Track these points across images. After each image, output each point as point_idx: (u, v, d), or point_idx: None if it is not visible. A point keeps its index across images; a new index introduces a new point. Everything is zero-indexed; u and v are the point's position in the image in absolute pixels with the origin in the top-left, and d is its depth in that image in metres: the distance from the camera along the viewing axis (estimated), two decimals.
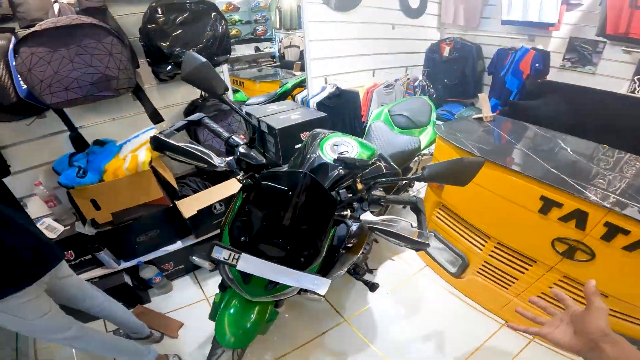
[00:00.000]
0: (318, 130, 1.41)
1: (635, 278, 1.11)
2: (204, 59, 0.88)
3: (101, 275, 1.58)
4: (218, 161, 0.91)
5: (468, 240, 1.64)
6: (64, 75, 1.21)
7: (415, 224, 0.89)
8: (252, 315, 1.06)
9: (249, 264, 0.82)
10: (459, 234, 1.67)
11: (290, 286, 0.90)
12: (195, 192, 1.83)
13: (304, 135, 2.03)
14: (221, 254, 0.83)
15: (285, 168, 1.32)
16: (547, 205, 1.21)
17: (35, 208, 1.57)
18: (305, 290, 1.17)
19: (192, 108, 1.84)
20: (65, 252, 1.46)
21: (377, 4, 2.57)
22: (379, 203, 0.96)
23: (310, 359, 1.53)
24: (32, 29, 1.13)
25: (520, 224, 1.35)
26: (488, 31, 2.90)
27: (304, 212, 0.87)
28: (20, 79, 1.21)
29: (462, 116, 3.00)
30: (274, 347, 1.57)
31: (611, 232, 1.08)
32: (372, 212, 0.94)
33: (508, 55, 2.61)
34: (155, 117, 1.65)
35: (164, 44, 1.42)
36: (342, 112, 2.43)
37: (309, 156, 1.21)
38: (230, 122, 1.84)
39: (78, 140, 1.60)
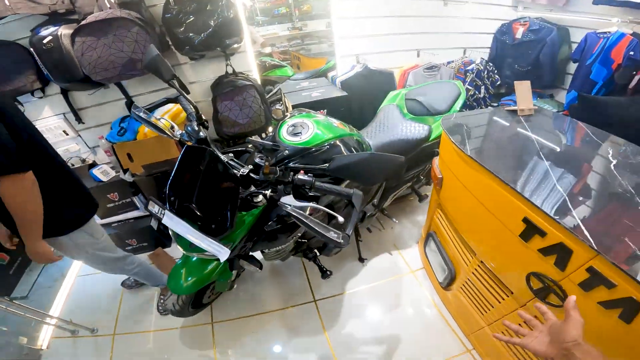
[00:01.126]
0: (299, 109, 1.51)
1: (601, 341, 0.89)
2: (155, 52, 1.08)
3: (135, 217, 2.11)
4: (176, 133, 1.17)
5: (458, 252, 1.51)
6: (104, 58, 1.61)
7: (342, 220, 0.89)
8: (196, 272, 1.32)
9: (171, 220, 1.04)
10: (452, 242, 1.55)
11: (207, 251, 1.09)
12: None
13: (321, 113, 2.13)
14: (153, 208, 1.07)
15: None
16: (530, 230, 1.00)
17: (100, 156, 2.17)
18: (246, 259, 1.38)
19: (216, 83, 2.11)
20: (111, 194, 2.03)
21: None
22: (302, 188, 1.00)
23: (266, 326, 1.73)
24: (82, 22, 1.53)
25: (501, 246, 1.17)
26: (576, 12, 2.26)
27: (210, 184, 1.04)
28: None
29: (540, 108, 2.57)
30: (241, 306, 1.83)
31: (593, 280, 0.86)
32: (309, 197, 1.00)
33: (599, 41, 2.03)
34: (184, 91, 1.98)
35: (179, 31, 1.68)
36: (372, 92, 2.36)
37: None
38: (245, 97, 2.05)
39: (130, 104, 2.09)
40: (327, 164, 0.97)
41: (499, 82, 2.58)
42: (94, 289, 2.11)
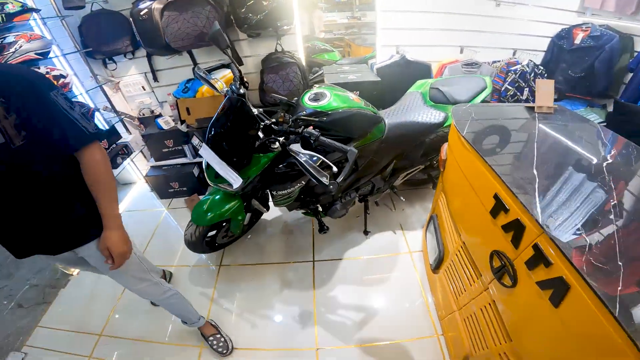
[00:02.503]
0: (328, 84, 1.79)
1: (534, 329, 0.92)
2: (217, 27, 1.43)
3: (182, 163, 2.60)
4: (222, 90, 1.53)
5: (449, 233, 1.59)
6: (183, 30, 2.07)
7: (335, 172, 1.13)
8: (216, 208, 1.67)
9: (205, 151, 1.42)
10: (446, 224, 1.64)
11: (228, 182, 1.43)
12: None
13: (354, 93, 2.40)
14: (195, 140, 1.45)
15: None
16: (497, 206, 1.06)
17: (166, 109, 2.70)
18: (257, 199, 1.72)
19: (266, 58, 2.48)
20: (168, 140, 2.51)
21: None
22: (309, 139, 1.27)
23: (264, 276, 1.98)
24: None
25: (476, 223, 1.24)
26: None
27: (238, 129, 1.38)
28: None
29: (564, 108, 2.54)
30: (248, 255, 2.13)
31: (536, 258, 0.88)
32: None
33: None
34: (238, 62, 2.40)
35: (240, 11, 2.07)
36: (405, 81, 2.50)
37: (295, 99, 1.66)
38: (288, 72, 2.39)
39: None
40: (325, 117, 1.23)
41: None
42: (133, 224, 2.53)
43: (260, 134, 1.45)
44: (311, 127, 1.31)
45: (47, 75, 2.02)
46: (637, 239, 0.84)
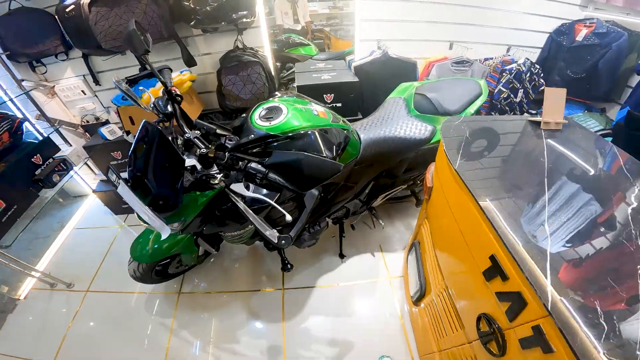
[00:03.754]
0: (287, 92, 1.49)
1: None
2: (132, 27, 1.13)
3: None
4: (149, 105, 1.24)
5: (431, 269, 1.43)
6: (114, 28, 1.74)
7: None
8: (159, 243, 1.43)
9: (123, 190, 1.11)
10: (429, 258, 1.47)
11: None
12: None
13: (328, 97, 2.11)
14: (112, 176, 1.15)
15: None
16: (494, 270, 0.87)
17: (112, 116, 2.38)
18: (205, 238, 1.44)
19: (224, 57, 2.15)
20: (115, 152, 2.19)
21: None
22: (254, 177, 1.01)
23: (228, 305, 1.82)
24: None
25: (464, 277, 1.08)
26: None
27: (163, 161, 1.08)
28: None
29: (573, 121, 2.31)
30: (211, 281, 1.95)
31: (534, 340, 0.74)
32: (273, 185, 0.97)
33: None
34: (190, 62, 2.06)
35: (184, 3, 1.73)
36: (388, 81, 2.22)
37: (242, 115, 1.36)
38: (249, 72, 2.09)
39: (142, 71, 2.21)
40: (266, 158, 0.95)
41: (542, 87, 2.30)
42: (84, 244, 2.37)
43: (198, 166, 1.15)
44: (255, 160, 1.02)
45: None
46: None
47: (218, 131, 1.15)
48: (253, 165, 1.00)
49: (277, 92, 1.50)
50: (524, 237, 0.83)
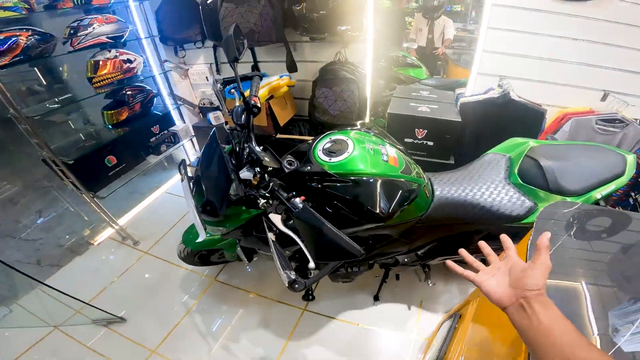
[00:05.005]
0: (361, 125, 1.39)
1: None
2: (231, 32, 1.18)
3: None
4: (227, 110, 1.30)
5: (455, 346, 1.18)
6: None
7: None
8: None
9: (184, 186, 1.22)
10: (459, 341, 1.18)
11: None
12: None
13: (420, 132, 1.93)
14: (180, 171, 1.26)
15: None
16: None
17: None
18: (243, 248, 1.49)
19: (323, 68, 2.17)
20: None
21: None
22: (290, 213, 0.95)
23: (248, 305, 1.88)
24: None
25: None
26: None
27: (212, 170, 1.13)
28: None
29: None
30: (244, 279, 2.05)
31: None
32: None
33: None
34: (291, 68, 2.15)
35: (296, 9, 1.79)
36: (501, 128, 1.86)
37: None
38: (343, 89, 2.06)
39: (254, 69, 2.42)
40: (298, 207, 0.88)
41: None
42: (166, 208, 2.72)
43: (254, 180, 1.15)
44: (302, 197, 0.96)
45: (115, 59, 2.13)
46: None
47: (264, 163, 1.12)
48: (295, 200, 0.94)
49: (357, 123, 1.40)
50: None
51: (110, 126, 2.36)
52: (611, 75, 1.78)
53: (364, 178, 1.12)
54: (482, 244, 0.70)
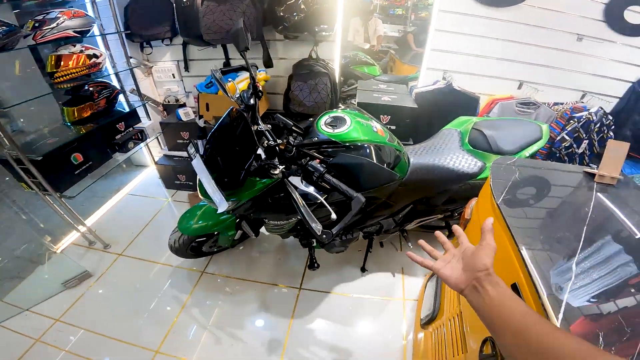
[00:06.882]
0: (354, 106, 1.66)
1: None
2: (240, 25, 1.35)
3: None
4: (234, 95, 1.43)
5: (449, 295, 1.49)
6: (216, 23, 2.06)
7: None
8: (205, 219, 1.63)
9: (197, 164, 1.33)
10: None
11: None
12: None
13: (384, 118, 2.25)
14: (190, 149, 1.37)
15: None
16: None
17: (190, 100, 2.74)
18: (248, 223, 1.63)
19: (297, 64, 2.41)
20: (184, 132, 2.54)
21: (556, 6, 2.14)
22: (312, 175, 1.16)
23: (244, 292, 1.95)
24: None
25: None
26: None
27: (237, 145, 1.28)
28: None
29: (631, 180, 2.22)
30: (235, 266, 2.11)
31: None
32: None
33: None
34: (268, 64, 2.34)
35: (279, 9, 2.01)
36: (446, 112, 2.28)
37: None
38: (317, 82, 2.31)
39: (226, 65, 2.55)
40: (331, 158, 1.09)
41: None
42: (132, 209, 2.68)
43: (262, 154, 1.33)
44: (317, 160, 1.17)
45: (80, 54, 2.09)
46: None
47: (294, 127, 1.33)
48: (313, 163, 1.15)
49: (341, 105, 1.67)
50: (548, 271, 0.89)
51: (69, 123, 2.27)
52: (525, 68, 2.37)
53: (362, 144, 1.38)
54: (438, 234, 0.79)
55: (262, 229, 1.99)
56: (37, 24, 1.86)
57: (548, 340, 0.46)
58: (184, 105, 2.75)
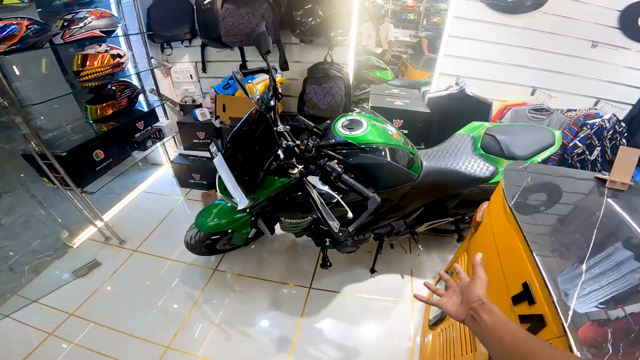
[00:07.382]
0: (369, 110, 1.72)
1: None
2: (262, 29, 1.42)
3: (208, 157, 2.69)
4: (254, 97, 1.49)
5: None
6: (236, 26, 2.12)
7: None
8: (222, 217, 1.69)
9: (218, 162, 1.39)
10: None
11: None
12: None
13: (397, 122, 2.30)
14: (212, 147, 1.44)
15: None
16: (523, 296, 0.95)
17: (206, 101, 2.82)
18: (264, 221, 1.68)
19: (312, 67, 2.47)
20: (200, 132, 2.60)
21: (571, 13, 2.17)
22: (330, 175, 1.19)
23: (255, 291, 1.99)
24: None
25: (492, 301, 1.18)
26: None
27: (258, 145, 1.34)
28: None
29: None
30: (246, 265, 2.16)
31: None
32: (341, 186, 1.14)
33: None
34: (284, 67, 2.41)
35: (296, 14, 2.07)
36: (459, 117, 2.32)
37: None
38: (332, 86, 2.37)
39: (242, 67, 2.62)
40: (350, 158, 1.14)
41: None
42: (147, 207, 2.76)
43: (281, 155, 1.38)
44: (335, 160, 1.22)
45: (105, 53, 2.18)
46: None
47: (315, 129, 1.39)
48: (331, 163, 1.19)
49: (356, 108, 1.72)
50: (558, 270, 0.91)
51: (91, 121, 2.36)
52: (538, 74, 2.39)
53: (377, 146, 1.42)
54: (442, 274, 0.88)
55: (277, 228, 2.04)
56: (65, 23, 1.96)
57: (531, 352, 0.54)
58: (200, 105, 2.83)
